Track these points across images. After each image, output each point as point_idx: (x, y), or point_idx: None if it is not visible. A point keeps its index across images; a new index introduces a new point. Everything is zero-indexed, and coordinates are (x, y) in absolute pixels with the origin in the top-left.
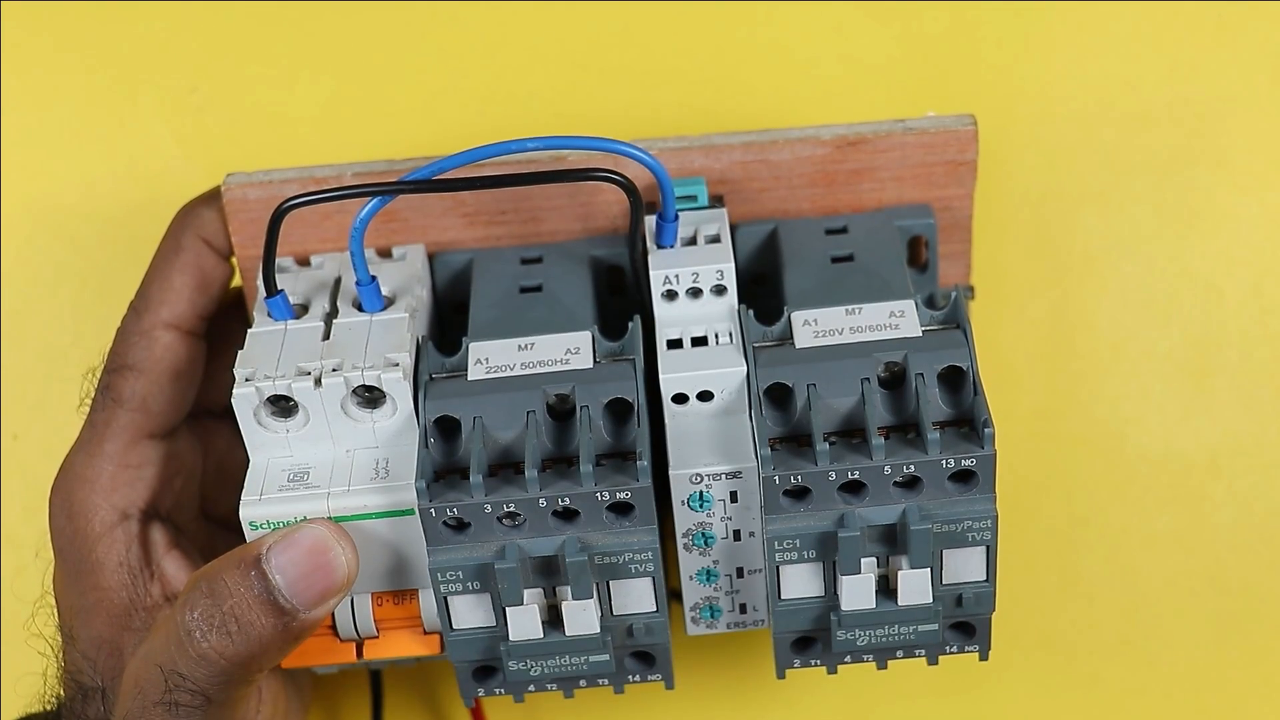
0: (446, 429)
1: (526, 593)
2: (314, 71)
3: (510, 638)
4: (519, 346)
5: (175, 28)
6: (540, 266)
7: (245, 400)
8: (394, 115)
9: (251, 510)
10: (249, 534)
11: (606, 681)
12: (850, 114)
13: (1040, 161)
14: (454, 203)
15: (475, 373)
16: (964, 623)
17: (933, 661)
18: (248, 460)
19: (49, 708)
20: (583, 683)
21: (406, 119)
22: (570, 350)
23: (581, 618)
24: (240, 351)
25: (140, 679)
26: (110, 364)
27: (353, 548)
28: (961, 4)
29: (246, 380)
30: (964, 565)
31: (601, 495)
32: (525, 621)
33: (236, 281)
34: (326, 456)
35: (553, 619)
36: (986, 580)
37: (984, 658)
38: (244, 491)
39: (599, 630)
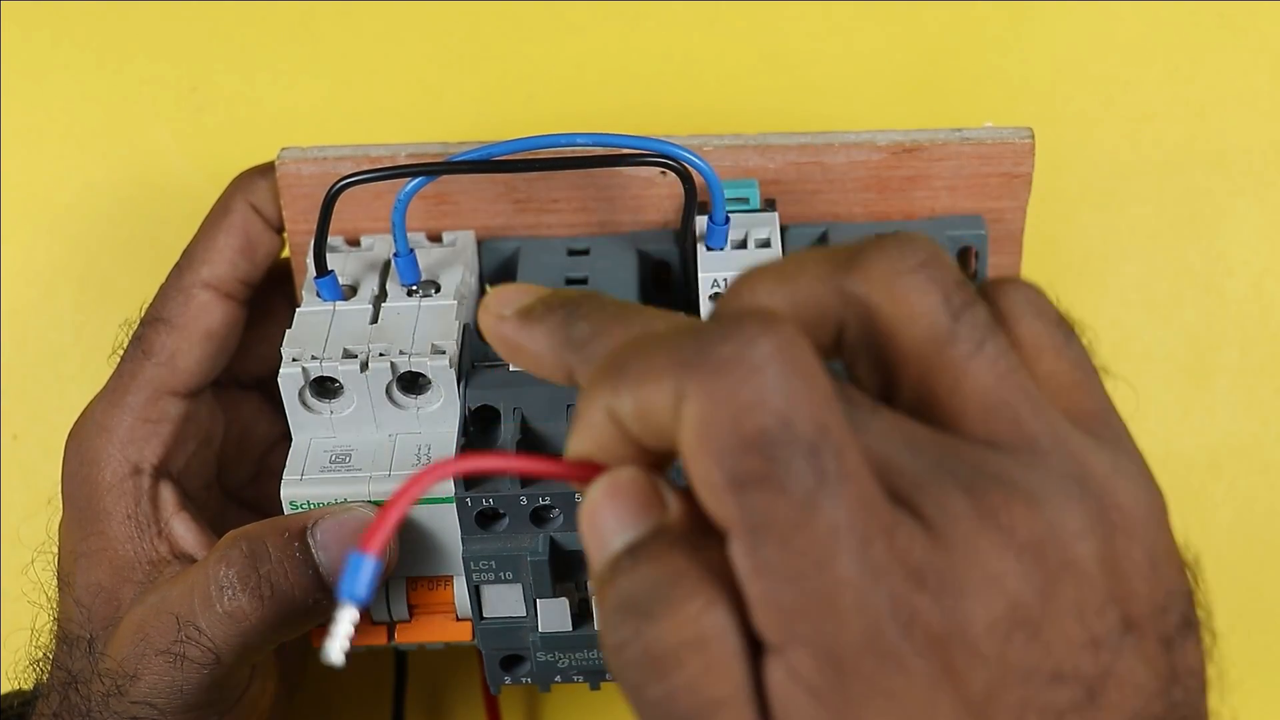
0: (486, 418)
1: (557, 585)
2: (314, 72)
3: (539, 629)
4: None
5: (175, 28)
6: (587, 259)
7: (291, 380)
8: (399, 115)
9: (292, 490)
10: (288, 513)
11: None
12: (845, 113)
13: (1040, 161)
14: (506, 189)
15: None
16: None
17: None
18: (275, 436)
19: (36, 658)
20: (609, 676)
21: (411, 118)
22: None
23: None
24: (288, 331)
25: (146, 625)
26: (146, 316)
27: (396, 539)
28: (962, 5)
29: (293, 360)
30: None
31: None
32: (555, 614)
33: (284, 253)
34: (369, 440)
35: (582, 612)
36: None
37: None
38: (285, 471)
39: None
